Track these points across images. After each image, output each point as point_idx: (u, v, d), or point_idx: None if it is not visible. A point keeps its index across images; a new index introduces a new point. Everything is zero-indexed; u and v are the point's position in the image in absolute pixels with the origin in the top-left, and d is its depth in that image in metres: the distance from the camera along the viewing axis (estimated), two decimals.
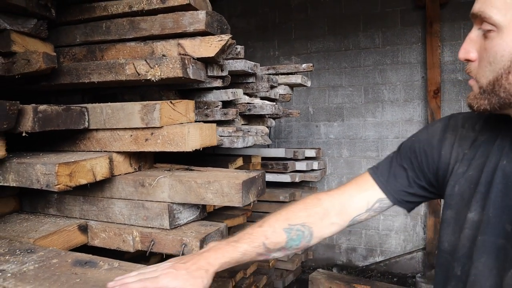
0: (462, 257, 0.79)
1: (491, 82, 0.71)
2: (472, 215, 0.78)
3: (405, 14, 3.99)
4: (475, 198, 0.79)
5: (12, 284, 0.90)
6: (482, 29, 0.70)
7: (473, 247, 0.77)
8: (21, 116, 1.14)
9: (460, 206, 0.82)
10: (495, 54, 0.68)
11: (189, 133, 1.26)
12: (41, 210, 1.51)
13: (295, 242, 0.97)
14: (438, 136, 0.93)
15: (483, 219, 0.75)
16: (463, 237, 0.79)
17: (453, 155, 0.88)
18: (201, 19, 1.43)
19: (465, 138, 0.87)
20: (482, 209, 0.76)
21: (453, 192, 0.84)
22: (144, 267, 0.98)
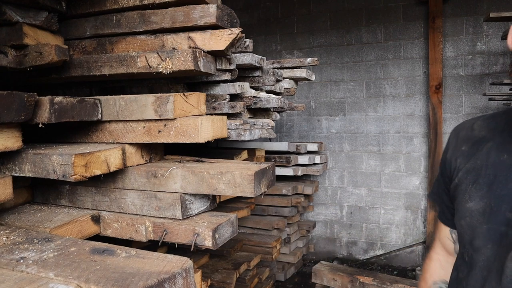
0: (466, 244, 0.86)
1: None
2: (471, 204, 0.84)
3: (408, 9, 4.00)
4: (475, 188, 0.84)
5: (35, 271, 0.92)
6: None
7: (472, 234, 0.83)
8: (37, 108, 1.16)
9: (459, 197, 0.89)
10: None
11: (202, 124, 1.29)
12: (53, 201, 1.54)
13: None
14: (446, 149, 1.01)
15: (486, 209, 0.81)
16: (465, 225, 0.86)
17: (454, 155, 0.96)
18: (211, 13, 1.45)
19: (465, 139, 0.94)
20: (483, 199, 0.82)
21: (455, 184, 0.92)
22: (161, 255, 1.01)
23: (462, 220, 0.87)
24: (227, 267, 2.67)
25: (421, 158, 4.07)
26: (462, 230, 0.89)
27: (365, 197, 4.33)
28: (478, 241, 0.82)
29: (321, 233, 4.56)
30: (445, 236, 1.09)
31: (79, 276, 0.89)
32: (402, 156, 4.14)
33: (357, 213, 4.38)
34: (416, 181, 4.10)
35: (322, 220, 4.54)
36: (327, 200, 4.51)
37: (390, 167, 4.21)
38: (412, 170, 4.11)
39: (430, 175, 3.94)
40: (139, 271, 0.91)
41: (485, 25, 3.71)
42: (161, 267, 0.93)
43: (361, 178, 4.34)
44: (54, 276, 0.89)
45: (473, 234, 0.84)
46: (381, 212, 4.27)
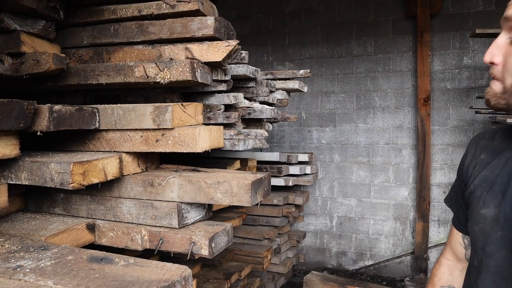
0: (478, 249, 0.88)
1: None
2: (485, 211, 0.86)
3: (397, 23, 4.10)
4: (490, 196, 0.86)
5: (33, 279, 0.92)
6: (511, 37, 0.76)
7: (485, 240, 0.85)
8: (36, 116, 1.16)
9: (474, 203, 0.91)
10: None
11: (200, 134, 1.30)
12: (47, 209, 1.53)
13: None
14: (465, 156, 1.04)
15: (500, 216, 0.82)
16: (478, 231, 0.88)
17: (472, 162, 0.98)
18: (209, 25, 1.48)
19: (485, 147, 0.96)
20: (498, 206, 0.83)
21: (470, 191, 0.94)
22: (160, 263, 1.01)
23: (476, 226, 0.89)
24: (218, 277, 2.66)
25: (410, 169, 4.13)
26: (475, 235, 0.91)
27: (355, 208, 4.37)
28: (491, 247, 0.84)
29: (311, 243, 4.57)
30: (457, 241, 1.11)
31: (79, 284, 0.89)
32: (391, 167, 4.20)
33: (347, 224, 4.41)
34: (405, 192, 4.15)
35: (312, 230, 4.56)
36: (317, 210, 4.53)
37: (379, 178, 4.26)
38: (401, 181, 4.17)
39: (419, 186, 3.99)
40: (138, 279, 0.91)
41: (471, 40, 3.81)
42: (161, 275, 0.93)
43: (351, 188, 4.38)
44: (53, 285, 0.89)
45: (486, 240, 0.85)
46: (371, 223, 4.31)
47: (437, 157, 4.02)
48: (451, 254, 1.18)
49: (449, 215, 1.17)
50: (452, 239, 1.16)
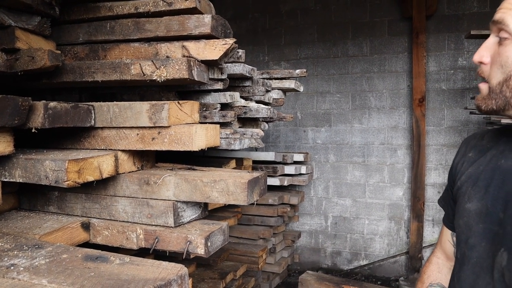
0: (460, 243, 0.94)
1: (501, 83, 0.80)
2: (469, 205, 0.92)
3: (393, 24, 4.11)
4: (474, 190, 0.91)
5: (27, 277, 0.91)
6: (499, 36, 0.81)
7: (468, 233, 0.90)
8: (31, 112, 1.15)
9: (460, 199, 0.96)
10: (507, 58, 0.78)
11: (196, 133, 1.30)
12: (41, 207, 1.51)
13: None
14: (455, 156, 1.09)
15: (482, 209, 0.88)
16: (462, 224, 0.93)
17: (461, 160, 1.04)
18: (206, 23, 1.47)
19: (474, 146, 1.02)
20: (481, 201, 0.89)
21: (457, 187, 1.00)
22: (155, 262, 1.01)
23: (460, 220, 0.94)
24: (213, 277, 2.65)
25: (405, 169, 4.15)
26: (459, 229, 0.95)
27: (350, 208, 4.38)
28: (473, 239, 0.89)
29: (306, 243, 4.58)
30: (447, 239, 1.14)
31: (73, 283, 0.88)
32: (386, 168, 4.22)
33: (342, 224, 4.42)
34: (400, 192, 4.17)
35: (307, 230, 4.56)
36: (312, 210, 4.54)
37: (374, 178, 4.27)
38: (396, 181, 4.18)
39: (413, 186, 4.01)
40: (134, 278, 0.91)
41: (466, 41, 3.84)
42: (157, 274, 0.93)
43: (346, 188, 4.39)
44: (47, 283, 0.88)
45: (469, 233, 0.90)
46: (365, 223, 4.32)
47: (432, 157, 4.04)
48: (441, 252, 1.21)
49: None
50: (442, 237, 1.19)
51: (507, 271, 0.79)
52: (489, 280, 0.84)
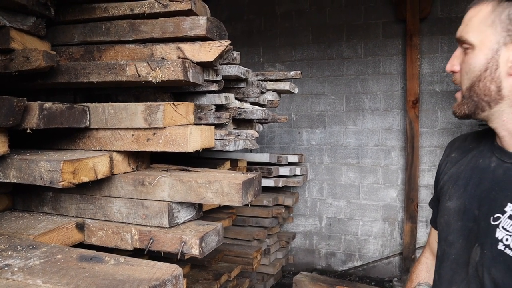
0: (441, 240, 0.99)
1: (468, 88, 0.88)
2: (449, 203, 0.97)
3: (387, 27, 4.14)
4: (454, 189, 0.97)
5: (22, 278, 0.91)
6: (463, 47, 0.90)
7: (448, 230, 0.95)
8: (26, 113, 1.15)
9: (442, 198, 1.01)
10: (470, 65, 0.87)
11: (191, 134, 1.30)
12: (35, 208, 1.51)
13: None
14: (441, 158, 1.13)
15: (461, 208, 0.93)
16: (443, 223, 0.99)
17: (445, 161, 1.09)
18: (202, 25, 1.48)
19: (457, 147, 1.07)
20: (459, 199, 0.94)
21: (440, 187, 1.05)
22: (150, 262, 1.01)
23: (442, 219, 0.99)
24: (207, 278, 2.65)
25: (399, 171, 4.17)
26: (441, 227, 1.01)
27: (344, 209, 4.40)
28: (451, 237, 0.94)
29: (300, 244, 4.59)
30: (434, 239, 1.17)
31: (68, 283, 0.88)
32: (380, 169, 4.24)
33: (336, 225, 4.44)
34: (394, 194, 4.19)
35: (302, 231, 4.58)
36: (307, 211, 4.55)
37: (368, 180, 4.29)
38: (390, 182, 4.21)
39: (407, 187, 4.04)
40: (129, 278, 0.91)
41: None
42: (151, 274, 0.93)
43: (340, 190, 4.41)
44: (42, 283, 0.89)
45: (448, 230, 0.95)
46: (360, 224, 4.34)
47: (425, 159, 4.07)
48: (429, 252, 1.24)
49: None
50: (430, 238, 1.23)
51: (480, 265, 0.83)
52: (464, 276, 0.88)
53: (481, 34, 0.85)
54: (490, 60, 0.83)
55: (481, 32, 0.85)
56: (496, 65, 0.82)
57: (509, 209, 0.80)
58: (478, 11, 0.86)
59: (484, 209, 0.86)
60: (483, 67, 0.84)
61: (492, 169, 0.89)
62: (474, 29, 0.86)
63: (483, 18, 0.84)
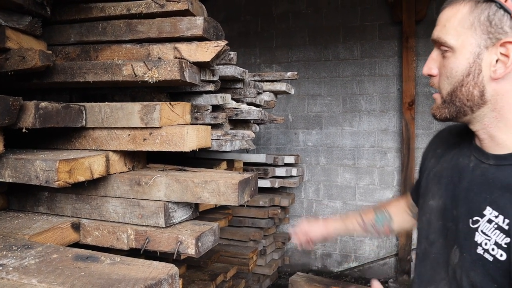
0: (421, 239, 0.99)
1: (450, 93, 0.86)
2: (432, 202, 0.96)
3: (383, 28, 4.16)
4: (437, 188, 0.96)
5: (17, 277, 0.90)
6: (441, 49, 0.86)
7: (429, 229, 0.95)
8: (22, 112, 1.15)
9: (425, 196, 1.01)
10: (451, 70, 0.84)
11: (188, 134, 1.30)
12: (30, 208, 1.50)
13: (380, 220, 1.33)
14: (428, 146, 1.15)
15: (442, 207, 0.93)
16: (425, 221, 0.98)
17: (430, 154, 1.09)
18: (198, 25, 1.48)
19: (443, 141, 1.06)
20: (441, 198, 0.93)
21: (424, 184, 1.04)
22: (146, 262, 1.01)
23: (424, 217, 0.99)
24: (203, 278, 2.65)
25: (394, 172, 4.19)
26: (422, 225, 1.00)
27: (340, 210, 4.40)
28: (432, 236, 0.94)
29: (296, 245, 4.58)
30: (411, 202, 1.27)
31: (64, 283, 0.88)
32: (376, 170, 4.25)
33: None
34: (390, 195, 4.21)
35: None
36: (303, 212, 4.56)
37: (364, 181, 4.31)
38: (386, 184, 4.22)
39: (403, 188, 4.05)
40: (125, 277, 0.91)
41: None
42: (147, 274, 0.93)
43: (336, 191, 4.42)
44: (37, 283, 0.88)
45: (429, 229, 0.95)
46: None
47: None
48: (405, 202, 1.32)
49: None
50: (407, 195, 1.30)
51: (459, 268, 0.82)
52: (444, 276, 0.88)
53: (460, 36, 0.81)
54: (473, 65, 0.80)
55: (460, 35, 0.81)
56: (479, 69, 0.80)
57: (488, 213, 0.79)
58: (456, 12, 0.82)
59: (463, 210, 0.85)
60: (466, 71, 0.81)
61: (470, 169, 0.88)
62: (452, 31, 0.82)
63: (461, 19, 0.81)
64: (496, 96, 0.80)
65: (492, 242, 0.76)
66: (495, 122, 0.82)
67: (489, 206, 0.79)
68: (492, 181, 0.81)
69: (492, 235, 0.76)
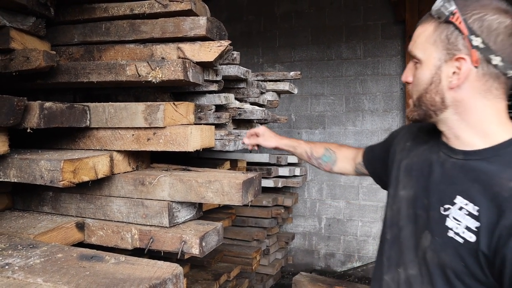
0: (392, 225, 1.09)
1: (417, 99, 0.98)
2: (403, 192, 1.07)
3: (386, 28, 4.15)
4: (407, 179, 1.07)
5: (22, 276, 0.91)
6: (414, 61, 0.99)
7: (398, 216, 1.06)
8: (26, 112, 1.15)
9: (395, 186, 1.12)
10: (418, 79, 0.97)
11: (192, 133, 1.31)
12: (35, 208, 1.51)
13: (326, 159, 1.53)
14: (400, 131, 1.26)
15: (412, 196, 1.03)
16: (395, 210, 1.09)
17: (400, 145, 1.18)
18: (201, 25, 1.48)
19: (413, 136, 1.16)
20: (412, 188, 1.04)
21: (394, 175, 1.14)
22: (151, 261, 1.01)
23: (394, 205, 1.09)
24: (207, 278, 2.65)
25: None
26: (392, 213, 1.10)
27: (343, 210, 4.40)
28: (402, 222, 1.04)
29: (299, 245, 4.59)
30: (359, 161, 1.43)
31: (69, 282, 0.89)
32: None
33: (335, 226, 4.44)
34: None
35: (301, 232, 4.58)
36: (306, 212, 4.55)
37: (368, 180, 4.29)
38: None
39: None
40: (129, 277, 0.91)
41: None
42: (152, 273, 0.94)
43: (340, 190, 4.41)
44: (43, 282, 0.89)
45: (399, 216, 1.06)
46: (359, 225, 4.34)
47: None
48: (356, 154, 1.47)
49: None
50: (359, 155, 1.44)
51: (430, 250, 0.93)
52: (413, 258, 0.99)
53: (426, 51, 0.94)
54: (434, 75, 0.93)
55: (426, 50, 0.94)
56: (439, 79, 0.93)
57: (459, 201, 0.89)
58: (424, 30, 0.96)
59: (434, 199, 0.96)
60: (429, 81, 0.94)
61: (440, 163, 0.98)
62: (420, 46, 0.96)
63: (428, 36, 0.94)
64: (455, 102, 0.92)
65: (463, 226, 0.86)
66: (457, 124, 0.94)
67: (459, 195, 0.90)
68: (461, 174, 0.92)
69: (463, 220, 0.87)
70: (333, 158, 1.52)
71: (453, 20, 0.89)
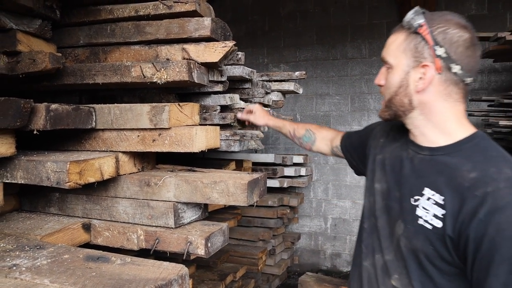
0: (369, 216, 1.20)
1: (389, 100, 1.09)
2: (377, 185, 1.18)
3: (391, 26, 4.08)
4: (381, 173, 1.17)
5: (29, 277, 0.92)
6: (386, 66, 1.09)
7: (374, 207, 1.17)
8: (33, 114, 1.16)
9: (371, 179, 1.23)
10: (389, 83, 1.07)
11: (197, 134, 1.31)
12: (42, 209, 1.52)
13: (306, 139, 1.72)
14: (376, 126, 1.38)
15: (385, 189, 1.14)
16: (371, 201, 1.19)
17: (376, 140, 1.29)
18: (206, 26, 1.48)
19: (387, 133, 1.26)
20: (385, 182, 1.14)
21: (370, 168, 1.25)
22: (156, 262, 1.02)
23: (371, 197, 1.20)
24: (213, 278, 2.66)
25: None
26: (369, 204, 1.21)
27: (349, 209, 4.38)
28: (378, 213, 1.15)
29: (305, 245, 4.58)
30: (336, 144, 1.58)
31: (75, 283, 0.89)
32: None
33: (341, 225, 4.43)
34: None
35: (307, 232, 4.57)
36: (312, 212, 4.55)
37: None
38: None
39: None
40: (135, 278, 0.92)
41: None
42: (158, 274, 0.94)
43: (345, 190, 4.40)
44: (49, 283, 0.89)
45: (375, 207, 1.16)
46: None
47: None
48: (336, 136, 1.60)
49: None
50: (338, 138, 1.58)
51: (403, 237, 1.03)
52: (388, 245, 1.10)
53: (397, 58, 1.04)
54: (403, 79, 1.03)
55: (397, 56, 1.04)
56: (407, 83, 1.03)
57: (427, 192, 0.99)
58: (396, 38, 1.06)
59: (405, 192, 1.06)
60: (399, 84, 1.04)
61: (410, 159, 1.08)
62: (392, 53, 1.06)
63: (399, 44, 1.04)
64: (421, 104, 1.03)
65: (431, 214, 0.96)
66: (423, 123, 1.05)
67: (426, 187, 1.00)
68: (428, 168, 1.02)
69: (431, 209, 0.97)
70: (312, 139, 1.70)
71: (421, 32, 1.00)
